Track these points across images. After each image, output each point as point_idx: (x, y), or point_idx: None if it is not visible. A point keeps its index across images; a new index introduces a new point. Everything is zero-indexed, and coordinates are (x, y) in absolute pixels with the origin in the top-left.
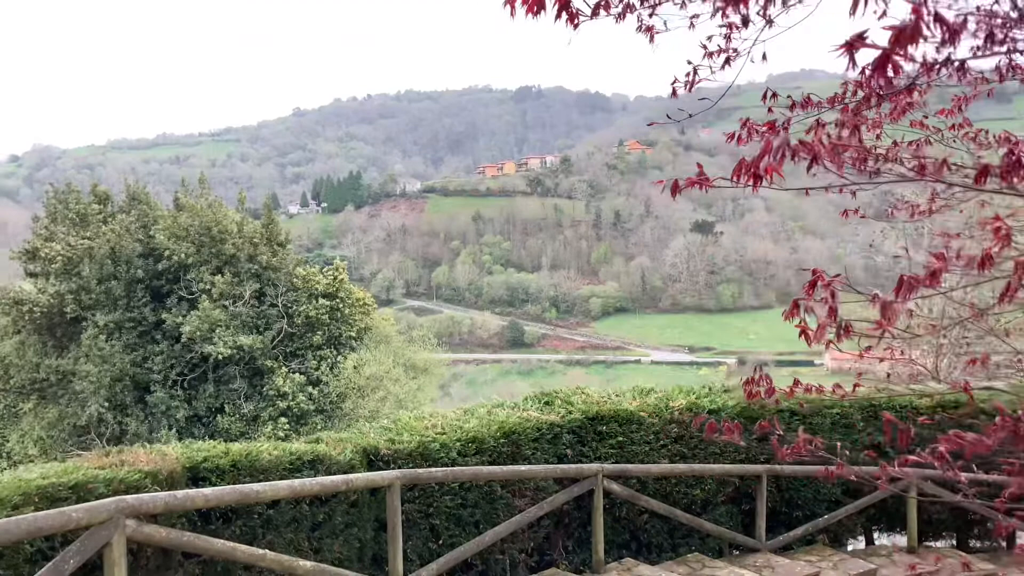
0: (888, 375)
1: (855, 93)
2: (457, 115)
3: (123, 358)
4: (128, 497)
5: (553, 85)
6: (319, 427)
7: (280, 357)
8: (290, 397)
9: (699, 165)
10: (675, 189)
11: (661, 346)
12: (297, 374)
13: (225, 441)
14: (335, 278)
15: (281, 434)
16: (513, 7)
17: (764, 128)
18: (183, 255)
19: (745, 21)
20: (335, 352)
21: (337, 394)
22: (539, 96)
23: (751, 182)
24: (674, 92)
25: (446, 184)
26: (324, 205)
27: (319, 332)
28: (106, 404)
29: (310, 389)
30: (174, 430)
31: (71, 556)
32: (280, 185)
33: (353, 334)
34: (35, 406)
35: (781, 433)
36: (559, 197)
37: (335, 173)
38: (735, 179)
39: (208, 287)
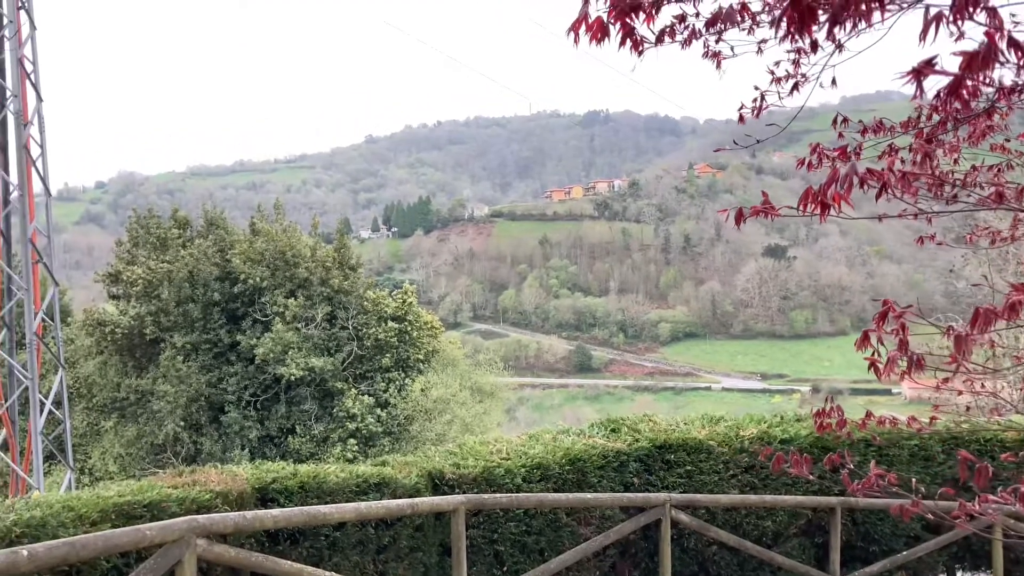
0: (968, 407)
1: (930, 117)
2: (525, 140)
3: (199, 379)
4: (199, 516)
5: (621, 109)
6: (387, 449)
7: (350, 379)
8: (359, 419)
9: (764, 193)
10: (739, 218)
11: (732, 373)
12: (366, 396)
13: (295, 462)
14: (404, 301)
15: (350, 455)
16: (577, 35)
17: (835, 153)
18: (258, 279)
19: (814, 46)
20: (403, 375)
21: (405, 416)
22: (607, 120)
23: (818, 211)
24: (741, 118)
25: (513, 208)
26: (394, 230)
27: (388, 354)
28: (182, 423)
29: (378, 411)
30: (247, 450)
31: (145, 572)
32: (352, 210)
33: (421, 357)
34: (115, 424)
35: (851, 467)
36: (627, 221)
37: (405, 198)
38: (802, 208)
39: (281, 310)
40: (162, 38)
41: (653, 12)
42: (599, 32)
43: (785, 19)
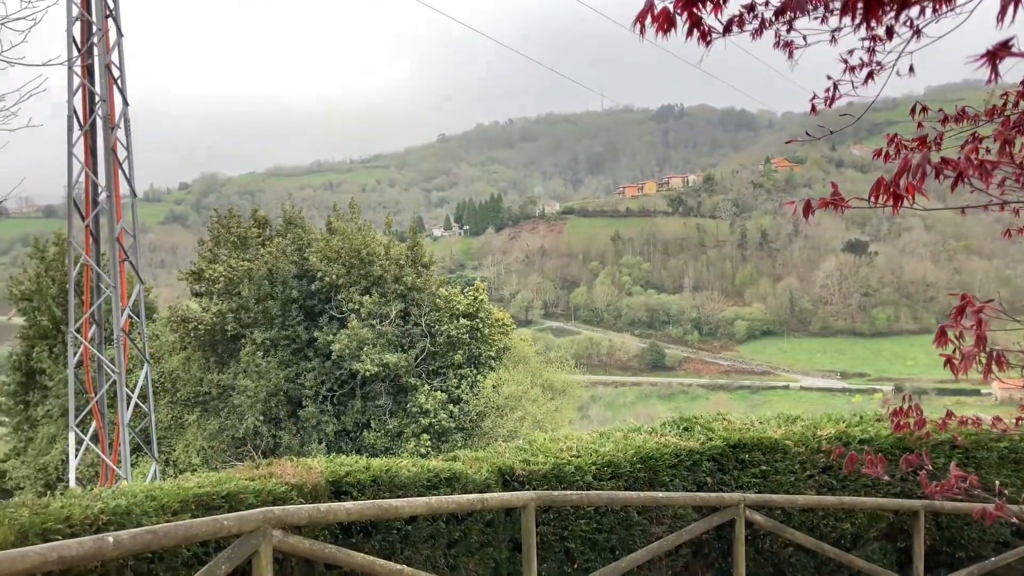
0: None
1: (1016, 104)
2: (597, 136)
3: (278, 374)
4: (275, 508)
5: (696, 103)
6: (459, 444)
7: (423, 375)
8: (432, 414)
9: (834, 184)
10: (807, 210)
11: (811, 371)
12: (439, 392)
13: (371, 456)
14: (475, 299)
15: (423, 450)
16: (643, 26)
17: (913, 144)
18: (334, 276)
19: (890, 32)
20: (475, 371)
21: (477, 413)
22: (681, 115)
23: (891, 202)
24: (813, 109)
25: (585, 205)
26: (466, 228)
27: (460, 351)
28: (261, 418)
29: (451, 407)
30: (323, 444)
31: (223, 562)
32: (425, 209)
33: (492, 354)
34: (198, 418)
35: (930, 468)
36: (702, 217)
37: (477, 196)
38: (873, 199)
39: (357, 307)
40: (241, 41)
41: (720, 1)
42: (665, 23)
43: (850, 4)
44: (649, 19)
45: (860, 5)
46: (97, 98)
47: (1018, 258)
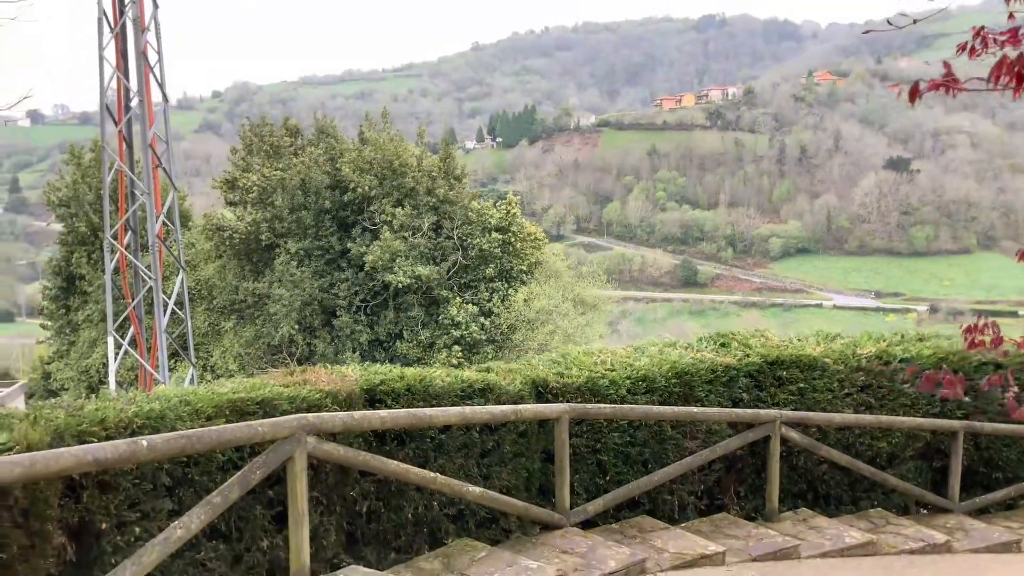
0: None
1: None
2: (635, 46)
3: (312, 284)
4: (309, 415)
5: (738, 13)
6: (490, 356)
7: (455, 288)
8: (463, 327)
9: (946, 64)
10: (914, 93)
11: (845, 290)
12: (470, 305)
13: (403, 366)
14: (508, 212)
15: (454, 361)
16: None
17: (1003, 37)
18: (367, 187)
19: None
20: (506, 285)
21: (508, 326)
22: (722, 25)
23: (1013, 84)
24: None
25: (621, 118)
26: (499, 140)
27: (492, 265)
28: (296, 326)
29: (482, 320)
30: (357, 353)
31: (257, 468)
32: (458, 120)
33: (524, 268)
34: (234, 325)
35: (1016, 389)
36: (740, 131)
37: (511, 107)
38: (993, 79)
39: (389, 219)
40: None
41: None
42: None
43: None
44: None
45: None
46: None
47: None
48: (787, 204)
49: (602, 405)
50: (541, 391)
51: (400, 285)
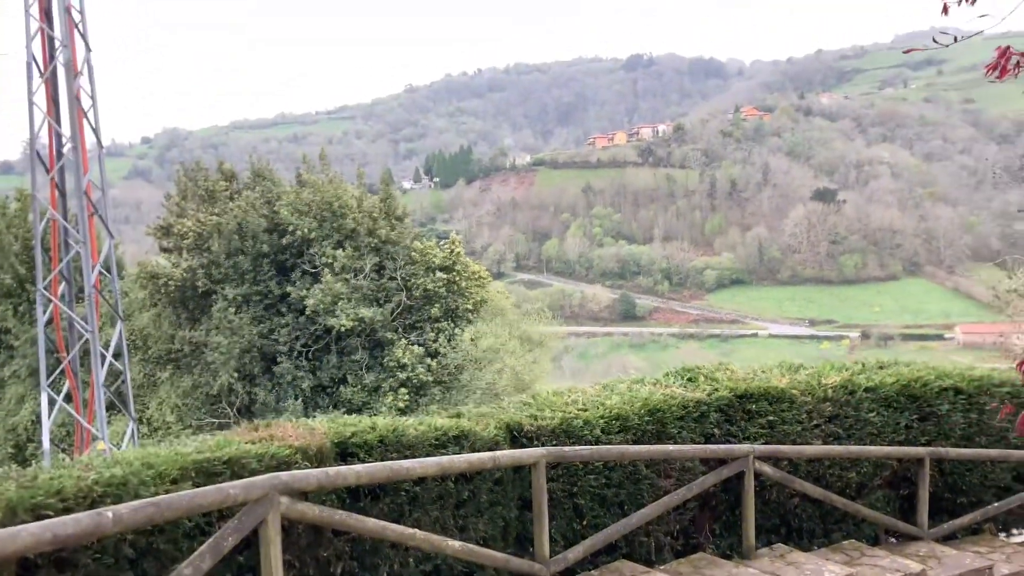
0: None
1: None
2: (566, 86)
3: (251, 330)
4: (282, 474)
5: (665, 52)
6: (438, 398)
7: (399, 329)
8: (409, 368)
9: (1005, 49)
10: (1003, 62)
11: (779, 319)
12: (416, 346)
13: (348, 411)
14: (451, 251)
15: (401, 405)
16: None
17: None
18: (306, 230)
19: None
20: (452, 324)
21: (455, 366)
22: (650, 64)
23: None
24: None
25: (555, 156)
26: (436, 180)
27: (437, 305)
28: (236, 374)
29: (428, 361)
30: (300, 400)
31: (229, 533)
32: (393, 161)
33: (469, 307)
34: (171, 375)
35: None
36: (671, 167)
37: (446, 148)
38: None
39: (330, 261)
40: None
41: None
42: None
43: None
44: None
45: None
46: (57, 43)
47: (982, 205)
48: (720, 237)
49: (579, 447)
50: (516, 435)
51: (343, 328)
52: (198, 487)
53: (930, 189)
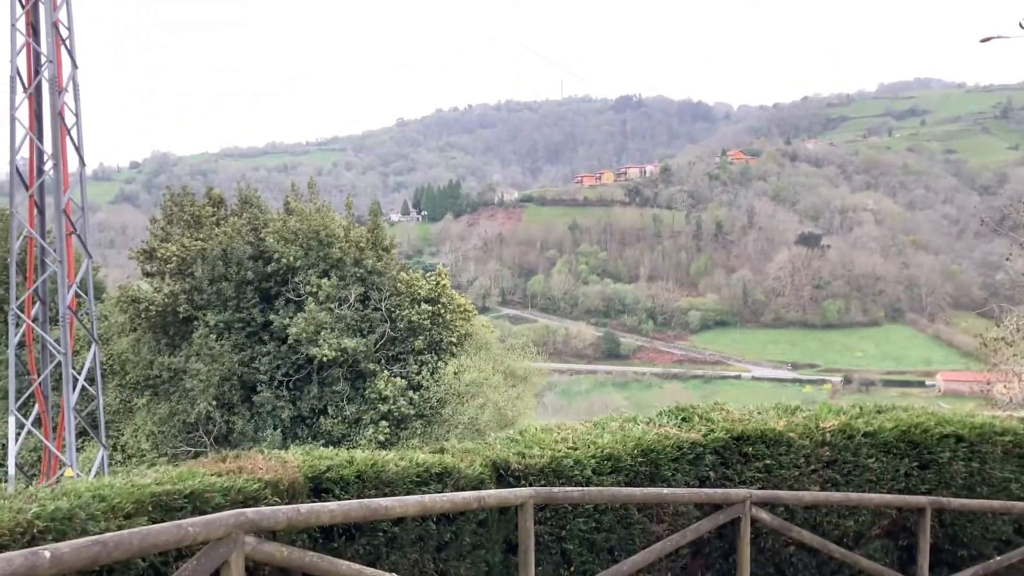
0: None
1: None
2: (556, 125)
3: (231, 358)
4: (248, 511)
5: (654, 94)
6: (419, 432)
7: (382, 361)
8: (391, 401)
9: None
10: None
11: (762, 361)
12: (398, 378)
13: (327, 443)
14: (437, 283)
15: (381, 437)
16: None
17: None
18: (291, 258)
19: None
20: (436, 357)
21: (437, 399)
22: (639, 105)
23: None
24: None
25: (544, 193)
26: (424, 213)
27: (421, 337)
28: (214, 402)
29: (411, 393)
30: (279, 430)
31: (187, 575)
32: (382, 193)
33: (454, 340)
34: (148, 402)
35: None
36: (658, 207)
37: (435, 182)
38: None
39: (315, 290)
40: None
41: None
42: None
43: None
44: None
45: None
46: (43, 59)
47: (963, 254)
48: (705, 278)
49: (569, 488)
50: (502, 473)
51: (325, 358)
52: (155, 523)
53: (913, 237)
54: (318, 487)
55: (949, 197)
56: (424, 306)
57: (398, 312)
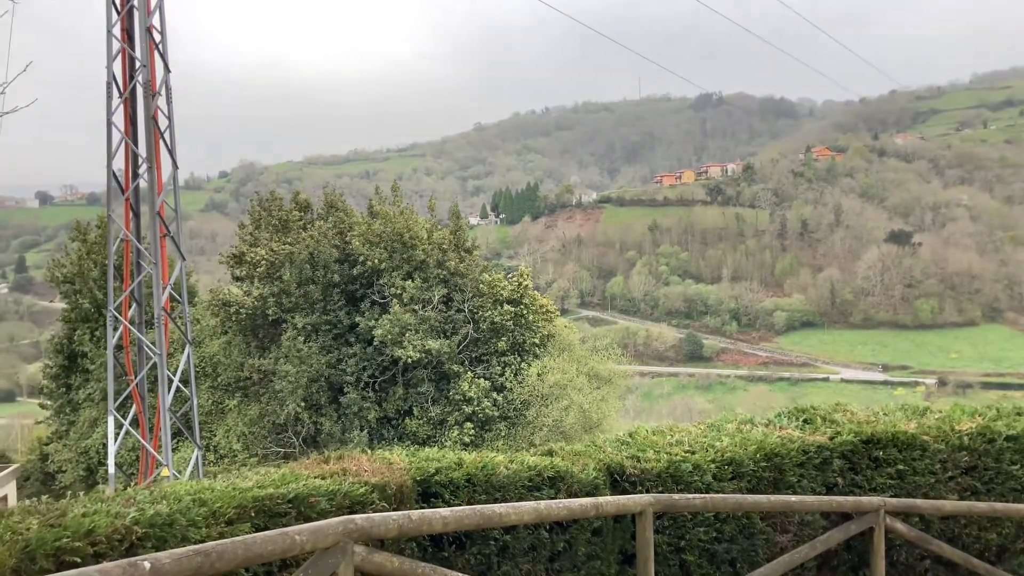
0: None
1: None
2: (634, 124)
3: (319, 359)
4: (357, 518)
5: (735, 91)
6: (503, 434)
7: (466, 362)
8: (475, 402)
9: None
10: None
11: (851, 363)
12: (482, 379)
13: (412, 444)
14: (519, 284)
15: (467, 439)
16: None
17: None
18: (376, 260)
19: None
20: (519, 359)
21: (521, 401)
22: (719, 103)
23: None
24: None
25: (622, 194)
26: (502, 216)
27: (504, 338)
28: (303, 404)
29: (495, 395)
30: (365, 431)
31: None
32: (461, 198)
33: (536, 341)
34: (239, 403)
35: None
36: (741, 206)
37: (513, 185)
38: None
39: (399, 291)
40: (275, 31)
41: None
42: None
43: None
44: None
45: None
46: (137, 64)
47: None
48: (790, 278)
49: (690, 495)
50: (616, 478)
51: (409, 360)
52: (258, 529)
53: (1011, 232)
54: (427, 491)
55: None
56: (506, 307)
57: (481, 313)
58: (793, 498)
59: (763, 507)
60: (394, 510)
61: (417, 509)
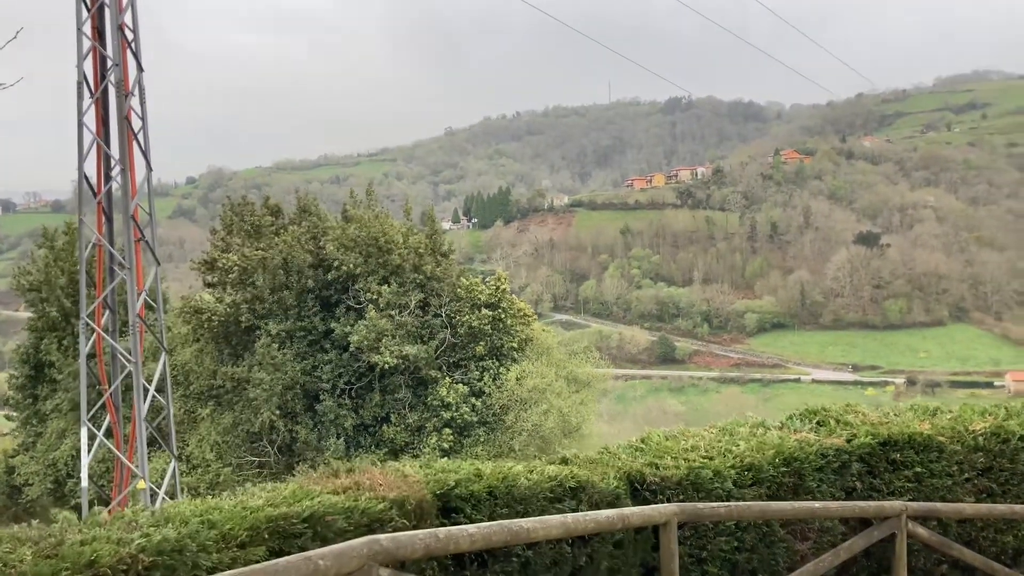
0: None
1: None
2: (604, 129)
3: (294, 366)
4: (382, 538)
5: (704, 95)
6: (482, 439)
7: (444, 367)
8: (454, 408)
9: None
10: None
11: (822, 364)
12: (460, 385)
13: (389, 451)
14: (497, 288)
15: (445, 445)
16: None
17: None
18: (351, 265)
19: None
20: (497, 363)
21: (500, 406)
22: (689, 107)
23: None
24: None
25: (594, 198)
26: (474, 221)
27: (482, 342)
28: (277, 412)
29: (473, 400)
30: (342, 439)
31: None
32: (433, 202)
33: (515, 345)
34: (212, 412)
35: None
36: (711, 209)
37: (485, 189)
38: None
39: (375, 297)
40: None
41: None
42: None
43: None
44: None
45: None
46: (109, 62)
47: None
48: (760, 280)
49: (715, 504)
50: (637, 487)
51: (386, 366)
52: (273, 552)
53: (976, 233)
54: (446, 506)
55: (1014, 191)
56: (484, 311)
57: (458, 318)
58: (816, 504)
59: (787, 514)
60: (414, 527)
61: (439, 525)
